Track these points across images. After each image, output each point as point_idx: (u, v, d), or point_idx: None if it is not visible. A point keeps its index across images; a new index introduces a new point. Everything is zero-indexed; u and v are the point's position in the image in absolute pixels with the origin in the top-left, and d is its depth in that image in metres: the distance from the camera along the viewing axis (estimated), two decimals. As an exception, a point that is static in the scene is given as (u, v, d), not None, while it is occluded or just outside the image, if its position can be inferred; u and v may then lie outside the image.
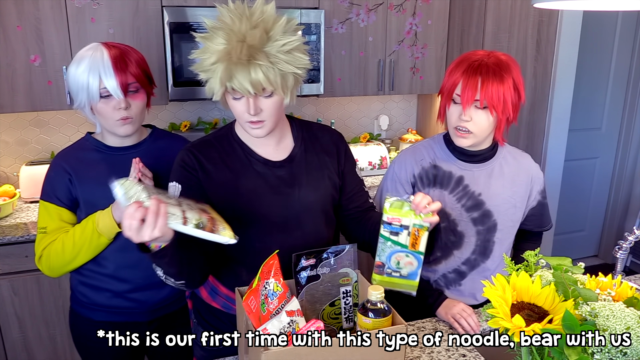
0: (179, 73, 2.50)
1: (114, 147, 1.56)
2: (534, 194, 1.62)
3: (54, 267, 1.53)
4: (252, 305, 1.17)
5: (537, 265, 1.04)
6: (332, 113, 3.26)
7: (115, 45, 1.49)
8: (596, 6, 1.29)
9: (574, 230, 3.99)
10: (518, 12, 2.90)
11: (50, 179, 1.54)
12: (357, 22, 2.81)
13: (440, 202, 1.28)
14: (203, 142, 1.38)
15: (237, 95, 1.24)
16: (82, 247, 1.48)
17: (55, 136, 2.74)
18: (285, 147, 1.40)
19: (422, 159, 1.56)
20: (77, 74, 1.45)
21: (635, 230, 1.52)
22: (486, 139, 1.51)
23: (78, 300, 1.63)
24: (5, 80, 2.32)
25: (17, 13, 2.27)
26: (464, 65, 1.42)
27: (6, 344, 2.34)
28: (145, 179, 1.48)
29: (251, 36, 1.17)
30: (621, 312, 0.86)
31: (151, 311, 1.62)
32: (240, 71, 1.17)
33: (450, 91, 1.45)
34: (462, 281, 1.60)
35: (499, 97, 1.39)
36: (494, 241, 1.57)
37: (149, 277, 1.55)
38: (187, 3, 2.48)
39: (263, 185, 1.35)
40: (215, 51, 1.19)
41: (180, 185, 1.33)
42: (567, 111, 3.20)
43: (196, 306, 1.52)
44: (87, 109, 1.49)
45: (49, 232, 1.52)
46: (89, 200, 1.51)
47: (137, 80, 1.48)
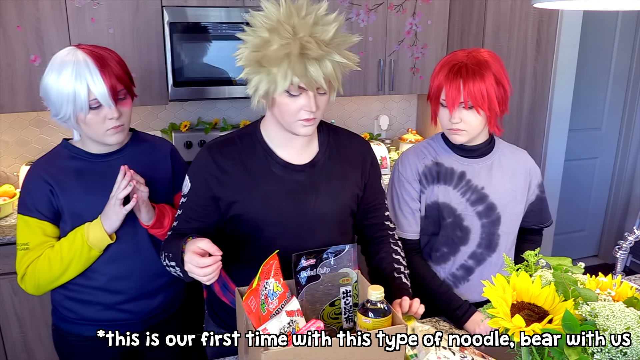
0: (179, 73, 2.50)
1: (96, 154, 1.48)
2: (533, 187, 1.64)
3: (41, 285, 1.45)
4: (252, 305, 1.17)
5: (537, 265, 1.04)
6: (332, 113, 3.26)
7: (93, 49, 1.37)
8: (596, 6, 1.29)
9: (574, 230, 3.99)
10: (518, 12, 2.89)
11: (29, 192, 1.43)
12: (357, 22, 2.81)
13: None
14: (226, 140, 1.36)
15: (296, 92, 1.21)
16: (72, 261, 1.42)
17: (55, 136, 2.74)
18: (310, 152, 1.38)
19: (424, 157, 1.59)
20: (60, 84, 1.33)
21: (635, 230, 1.52)
22: (481, 133, 1.54)
23: (63, 317, 1.55)
24: (5, 80, 2.32)
25: (17, 13, 2.26)
26: (445, 69, 1.46)
27: (6, 344, 2.34)
28: (140, 185, 1.42)
29: (322, 31, 1.17)
30: (621, 312, 0.86)
31: (144, 321, 1.57)
32: (314, 65, 1.16)
33: (436, 96, 1.50)
34: (470, 277, 1.61)
35: (482, 96, 1.42)
36: (498, 234, 1.59)
37: (143, 287, 1.54)
38: (187, 3, 2.48)
39: (279, 190, 1.33)
40: (285, 44, 1.15)
41: (190, 184, 1.34)
42: (567, 111, 3.20)
43: (209, 298, 1.53)
44: (71, 121, 1.38)
45: (31, 248, 1.43)
46: (74, 211, 1.44)
47: (124, 85, 1.40)
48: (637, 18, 3.63)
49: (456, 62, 1.45)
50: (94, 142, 1.46)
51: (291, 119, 1.25)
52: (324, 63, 1.17)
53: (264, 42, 1.18)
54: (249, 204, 1.32)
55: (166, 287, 1.59)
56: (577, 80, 3.24)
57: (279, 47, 1.15)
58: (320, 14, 1.20)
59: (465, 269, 1.61)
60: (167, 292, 1.60)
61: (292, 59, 1.15)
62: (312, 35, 1.16)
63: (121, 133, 1.43)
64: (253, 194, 1.32)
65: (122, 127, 1.42)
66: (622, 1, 1.24)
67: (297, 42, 1.15)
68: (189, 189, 1.35)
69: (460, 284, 1.62)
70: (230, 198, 1.32)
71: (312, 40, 1.16)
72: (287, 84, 1.17)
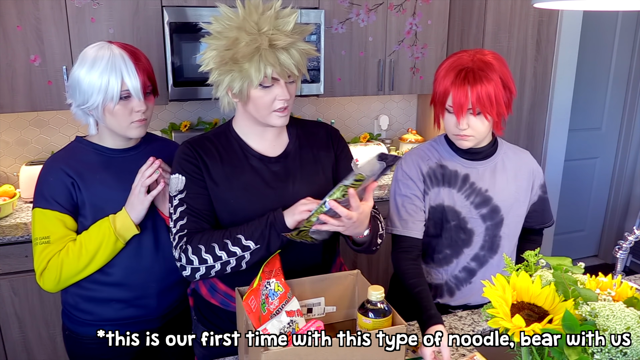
0: (179, 73, 2.50)
1: (115, 149, 1.50)
2: (536, 188, 1.64)
3: (62, 279, 1.43)
4: (252, 305, 1.17)
5: (537, 265, 1.04)
6: (332, 113, 3.26)
7: (124, 45, 1.43)
8: (596, 6, 1.29)
9: (574, 230, 3.99)
10: (518, 12, 2.90)
11: (48, 184, 1.43)
12: (357, 22, 2.81)
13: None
14: (201, 138, 1.41)
15: (269, 84, 1.28)
16: (97, 253, 1.42)
17: (55, 136, 2.74)
18: (281, 143, 1.43)
19: (429, 159, 1.57)
20: (92, 76, 1.37)
21: (635, 230, 1.52)
22: (486, 137, 1.53)
23: (79, 321, 1.52)
24: (5, 80, 2.32)
25: (17, 13, 2.26)
26: (452, 74, 1.43)
27: (6, 344, 2.34)
28: (166, 174, 1.45)
29: (284, 24, 1.27)
30: (621, 312, 0.86)
31: (163, 316, 1.58)
32: (283, 54, 1.25)
33: (442, 102, 1.46)
34: (472, 279, 1.60)
35: (491, 102, 1.40)
36: (500, 236, 1.59)
37: (163, 280, 1.54)
38: (187, 3, 2.48)
39: (258, 180, 1.37)
40: (253, 39, 1.24)
41: (184, 177, 1.34)
42: (567, 111, 3.20)
43: (197, 303, 1.53)
44: (98, 111, 1.41)
45: (53, 241, 1.41)
46: (96, 204, 1.44)
47: (151, 82, 1.45)
48: (637, 18, 3.64)
49: (462, 67, 1.42)
50: (113, 136, 1.49)
51: (266, 111, 1.32)
52: (292, 51, 1.27)
53: (232, 41, 1.25)
54: (229, 195, 1.35)
55: (182, 280, 1.59)
56: (577, 80, 3.24)
57: (248, 42, 1.24)
58: (278, 9, 1.30)
59: (468, 272, 1.60)
60: (183, 286, 1.61)
61: (262, 51, 1.24)
62: (276, 27, 1.26)
63: (144, 127, 1.47)
64: (233, 185, 1.35)
65: (146, 121, 1.47)
66: (622, 1, 1.24)
67: (264, 36, 1.24)
68: (184, 182, 1.34)
69: (463, 286, 1.61)
70: (213, 189, 1.35)
71: (277, 32, 1.26)
72: (262, 76, 1.25)
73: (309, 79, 1.39)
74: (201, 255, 1.29)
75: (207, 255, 1.29)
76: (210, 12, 2.48)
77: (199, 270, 1.30)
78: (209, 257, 1.29)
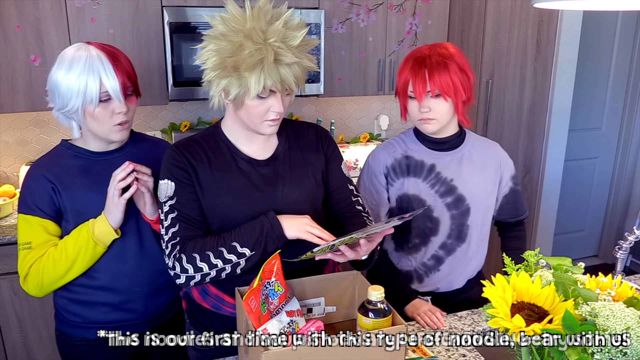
0: (179, 73, 2.50)
1: (97, 152, 1.47)
2: (505, 179, 1.69)
3: (44, 284, 1.43)
4: (252, 305, 1.17)
5: (537, 265, 1.04)
6: (332, 113, 3.26)
7: (103, 46, 1.39)
8: (596, 6, 1.29)
9: (574, 230, 3.99)
10: (518, 12, 2.90)
11: (30, 190, 1.42)
12: (357, 22, 2.81)
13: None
14: (189, 141, 1.38)
15: (266, 95, 1.26)
16: (77, 258, 1.40)
17: (55, 136, 2.74)
18: (270, 146, 1.42)
19: (394, 151, 1.65)
20: (70, 78, 1.34)
21: (635, 230, 1.52)
22: (450, 123, 1.59)
23: (68, 322, 1.53)
24: (5, 80, 2.32)
25: (17, 13, 2.26)
26: (410, 63, 1.52)
27: (6, 344, 2.34)
28: (144, 175, 1.41)
29: (292, 37, 1.24)
30: (621, 312, 0.86)
31: (150, 321, 1.56)
32: (286, 69, 1.23)
33: (404, 90, 1.55)
34: (440, 267, 1.66)
35: (447, 83, 1.48)
36: (468, 225, 1.64)
37: (149, 284, 1.52)
38: (187, 3, 2.48)
39: (247, 184, 1.36)
40: (258, 50, 1.20)
41: (173, 182, 1.33)
42: (567, 111, 3.20)
43: (189, 306, 1.52)
44: (78, 114, 1.38)
45: (34, 246, 1.41)
46: (77, 209, 1.43)
47: (132, 83, 1.42)
48: (637, 18, 3.63)
49: (420, 55, 1.52)
50: (96, 139, 1.46)
51: (258, 120, 1.30)
52: (294, 67, 1.25)
53: (236, 47, 1.21)
54: (218, 200, 1.33)
55: (171, 284, 1.57)
56: (577, 80, 3.24)
57: (253, 53, 1.20)
58: (287, 19, 1.26)
59: (436, 259, 1.66)
60: (171, 291, 1.59)
61: (265, 64, 1.20)
62: (283, 41, 1.23)
63: (126, 130, 1.45)
64: (222, 189, 1.34)
65: (128, 124, 1.44)
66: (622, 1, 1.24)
67: (270, 49, 1.20)
68: (173, 187, 1.32)
69: (431, 273, 1.67)
70: (202, 194, 1.34)
71: (284, 46, 1.22)
72: (260, 88, 1.22)
73: (305, 91, 1.38)
74: (196, 263, 1.28)
75: (203, 263, 1.27)
76: (210, 12, 2.48)
77: (194, 278, 1.29)
78: (204, 266, 1.28)
